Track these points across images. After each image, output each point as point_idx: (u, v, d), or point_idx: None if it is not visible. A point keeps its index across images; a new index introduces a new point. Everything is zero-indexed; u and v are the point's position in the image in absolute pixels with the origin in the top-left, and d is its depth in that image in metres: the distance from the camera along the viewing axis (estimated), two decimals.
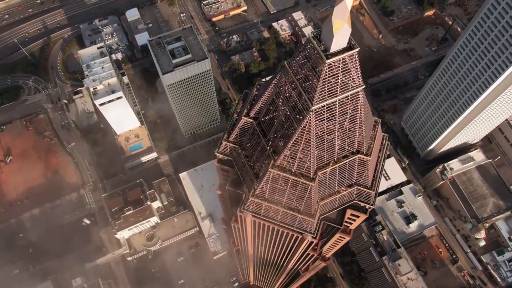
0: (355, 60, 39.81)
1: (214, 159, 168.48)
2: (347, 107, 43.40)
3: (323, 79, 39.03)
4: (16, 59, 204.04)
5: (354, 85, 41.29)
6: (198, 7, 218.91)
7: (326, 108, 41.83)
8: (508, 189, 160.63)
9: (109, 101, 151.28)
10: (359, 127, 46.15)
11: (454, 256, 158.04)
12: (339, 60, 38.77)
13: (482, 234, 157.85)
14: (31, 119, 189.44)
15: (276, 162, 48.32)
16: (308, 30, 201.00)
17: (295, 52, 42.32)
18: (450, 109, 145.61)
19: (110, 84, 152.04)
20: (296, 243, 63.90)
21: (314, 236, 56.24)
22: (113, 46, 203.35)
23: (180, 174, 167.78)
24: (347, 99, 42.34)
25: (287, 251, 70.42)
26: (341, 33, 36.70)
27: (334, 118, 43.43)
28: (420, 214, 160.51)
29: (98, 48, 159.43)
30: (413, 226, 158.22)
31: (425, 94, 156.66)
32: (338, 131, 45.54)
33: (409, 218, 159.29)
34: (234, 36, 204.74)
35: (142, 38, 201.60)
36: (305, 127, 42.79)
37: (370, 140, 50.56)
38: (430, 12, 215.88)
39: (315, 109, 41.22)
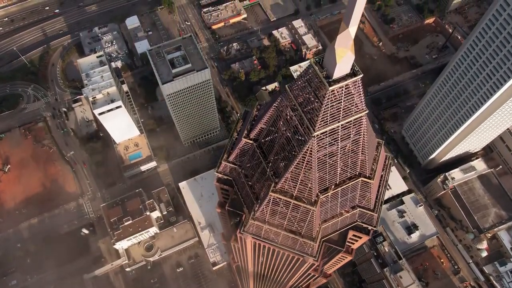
0: (359, 86, 38.90)
1: (213, 168, 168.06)
2: (350, 132, 42.46)
3: (325, 105, 38.09)
4: (15, 67, 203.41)
5: (357, 110, 40.37)
6: (198, 15, 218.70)
7: (329, 133, 40.92)
8: (510, 199, 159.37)
9: (108, 110, 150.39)
10: (362, 151, 45.17)
11: (456, 267, 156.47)
12: (342, 87, 37.88)
13: (484, 245, 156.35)
14: (30, 127, 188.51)
15: (277, 186, 47.30)
16: (308, 38, 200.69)
17: (296, 78, 41.34)
18: (451, 119, 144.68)
19: (109, 93, 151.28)
20: (297, 264, 62.69)
21: (315, 259, 55.10)
22: (112, 54, 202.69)
23: (179, 184, 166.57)
24: (350, 123, 41.42)
25: (288, 271, 69.17)
26: (344, 61, 35.76)
27: (337, 142, 42.48)
28: (421, 224, 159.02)
29: (97, 57, 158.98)
30: (415, 236, 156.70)
31: (426, 103, 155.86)
32: (340, 155, 44.56)
33: (410, 228, 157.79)
34: (234, 44, 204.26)
35: (142, 46, 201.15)
36: (307, 152, 41.83)
37: (373, 162, 49.62)
38: (430, 20, 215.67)
39: (317, 135, 40.33)
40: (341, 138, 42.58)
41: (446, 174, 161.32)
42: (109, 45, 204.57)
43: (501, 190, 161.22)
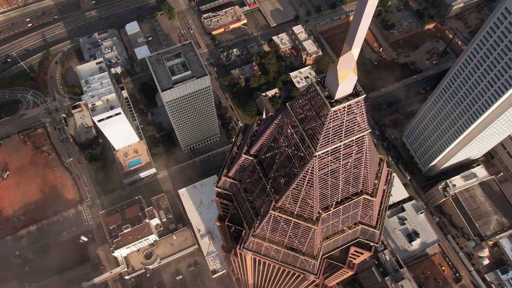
0: (361, 106, 38.17)
1: (213, 175, 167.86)
2: (352, 150, 41.70)
3: (327, 125, 37.36)
4: (15, 73, 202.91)
5: (360, 129, 39.63)
6: (198, 20, 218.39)
7: (330, 152, 40.15)
8: (511, 206, 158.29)
9: (108, 117, 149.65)
10: (364, 168, 44.40)
11: (457, 275, 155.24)
12: (345, 107, 37.16)
13: (485, 253, 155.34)
14: (29, 133, 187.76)
15: (277, 204, 46.46)
16: (308, 44, 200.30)
17: (297, 96, 40.60)
18: (452, 126, 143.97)
19: (108, 100, 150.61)
20: (298, 279, 61.75)
21: (316, 276, 54.16)
22: (112, 60, 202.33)
23: (179, 190, 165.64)
24: (352, 142, 40.66)
25: (289, 285, 68.15)
26: (346, 82, 35.04)
27: (339, 161, 41.71)
28: (422, 231, 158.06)
29: (97, 64, 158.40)
30: (416, 244, 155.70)
31: (427, 110, 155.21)
32: (342, 173, 43.77)
33: (411, 235, 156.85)
34: (234, 50, 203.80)
35: (141, 52, 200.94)
36: (308, 170, 41.05)
37: (375, 178, 48.83)
38: (430, 26, 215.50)
39: (319, 154, 39.57)
40: (343, 157, 41.81)
41: (447, 181, 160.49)
42: (109, 50, 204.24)
43: (502, 197, 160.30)
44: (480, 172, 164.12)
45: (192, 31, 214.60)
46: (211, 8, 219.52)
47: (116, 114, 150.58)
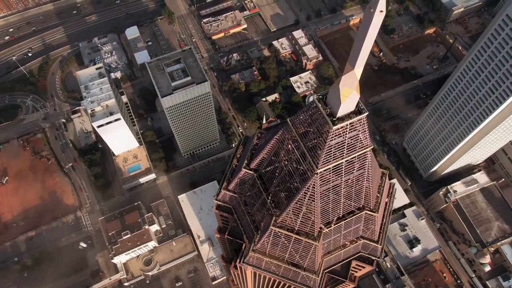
0: (364, 123, 37.58)
1: (213, 181, 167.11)
2: (354, 166, 41.09)
3: (329, 143, 36.77)
4: (15, 77, 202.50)
5: (362, 146, 39.04)
6: (198, 25, 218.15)
7: (332, 169, 39.54)
8: None
9: (107, 123, 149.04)
10: (366, 184, 43.76)
11: (458, 281, 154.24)
12: (347, 125, 36.57)
13: (487, 259, 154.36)
14: (29, 138, 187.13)
15: (278, 219, 45.81)
16: (308, 49, 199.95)
17: (298, 112, 39.98)
18: (453, 132, 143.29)
19: (108, 105, 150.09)
20: None
21: None
22: (112, 65, 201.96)
23: (178, 196, 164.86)
24: (354, 159, 40.06)
25: None
26: (349, 100, 34.47)
27: (340, 177, 41.09)
28: (423, 237, 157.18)
29: (96, 69, 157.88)
30: (417, 250, 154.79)
31: (427, 115, 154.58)
32: (344, 189, 43.13)
33: (412, 242, 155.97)
34: (234, 55, 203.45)
35: (141, 57, 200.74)
36: (309, 187, 40.43)
37: (377, 193, 48.19)
38: (430, 30, 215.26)
39: (320, 172, 38.96)
40: (345, 173, 41.20)
41: (448, 187, 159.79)
42: (109, 55, 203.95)
43: (504, 203, 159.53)
44: (481, 178, 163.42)
45: (192, 37, 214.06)
46: (211, 13, 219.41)
47: (116, 120, 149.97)
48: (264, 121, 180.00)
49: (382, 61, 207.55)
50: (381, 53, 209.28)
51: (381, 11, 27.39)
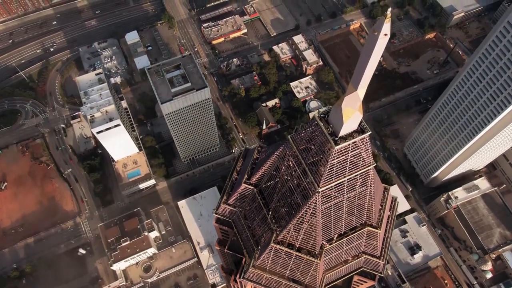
0: (367, 142, 36.90)
1: (213, 187, 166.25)
2: (356, 183, 40.38)
3: (331, 162, 36.11)
4: (14, 82, 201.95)
5: (364, 164, 38.36)
6: (198, 30, 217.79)
7: (334, 187, 38.86)
8: None
9: (107, 129, 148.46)
10: (369, 200, 43.06)
11: None
12: (349, 145, 35.89)
13: (488, 266, 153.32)
14: (28, 144, 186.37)
15: (279, 237, 45.07)
16: (309, 54, 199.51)
17: (299, 129, 39.24)
18: (454, 138, 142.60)
19: (108, 111, 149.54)
20: None
21: None
22: (112, 70, 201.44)
23: (178, 202, 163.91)
24: (357, 176, 39.38)
25: None
26: (351, 120, 33.81)
27: (342, 195, 40.40)
28: (424, 244, 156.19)
29: (96, 75, 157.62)
30: (418, 257, 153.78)
31: (428, 121, 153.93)
32: (346, 206, 42.42)
33: (413, 248, 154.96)
34: (234, 60, 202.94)
35: (141, 62, 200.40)
36: (311, 205, 39.72)
37: (379, 209, 47.43)
38: (431, 35, 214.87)
39: (322, 190, 38.28)
40: (347, 191, 40.49)
41: (449, 193, 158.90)
42: (109, 60, 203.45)
43: (505, 210, 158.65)
44: (483, 184, 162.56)
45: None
46: (211, 17, 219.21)
47: (115, 126, 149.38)
48: (264, 127, 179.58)
49: (382, 66, 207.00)
50: (381, 58, 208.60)
51: (386, 35, 26.77)
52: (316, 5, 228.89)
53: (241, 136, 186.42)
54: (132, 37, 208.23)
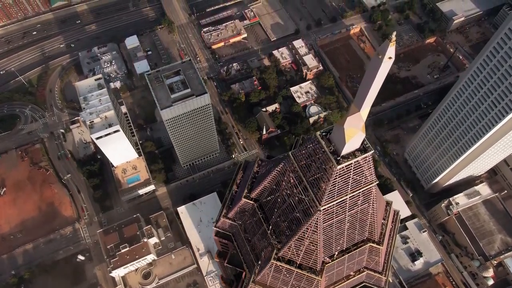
0: (369, 161, 36.27)
1: (213, 193, 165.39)
2: (358, 201, 39.73)
3: (333, 181, 35.46)
4: (13, 87, 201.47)
5: (367, 182, 37.72)
6: (198, 34, 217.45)
7: (336, 205, 38.19)
8: None
9: (106, 135, 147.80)
10: (371, 217, 42.38)
11: None
12: (351, 164, 35.26)
13: (490, 273, 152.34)
14: (27, 149, 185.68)
15: (279, 253, 44.35)
16: (309, 59, 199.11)
17: (300, 147, 38.58)
18: (455, 144, 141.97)
19: (107, 117, 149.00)
20: None
21: None
22: (111, 74, 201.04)
23: (178, 208, 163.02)
24: (359, 194, 38.73)
25: None
26: (354, 140, 33.18)
27: (344, 213, 39.72)
28: (425, 250, 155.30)
29: (95, 80, 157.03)
30: (419, 263, 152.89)
31: (429, 127, 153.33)
32: (348, 223, 41.75)
33: (414, 255, 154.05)
34: (234, 64, 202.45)
35: (141, 66, 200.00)
36: (312, 223, 39.02)
37: (381, 224, 46.76)
38: (431, 40, 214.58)
39: (324, 209, 37.61)
40: (349, 208, 39.82)
41: (450, 199, 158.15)
42: (108, 65, 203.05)
43: (506, 216, 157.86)
44: (484, 189, 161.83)
45: (191, 45, 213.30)
46: (211, 22, 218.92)
47: (115, 132, 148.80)
48: (264, 132, 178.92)
49: None
50: None
51: (390, 58, 26.18)
52: (316, 9, 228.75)
53: (241, 142, 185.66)
54: (132, 41, 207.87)
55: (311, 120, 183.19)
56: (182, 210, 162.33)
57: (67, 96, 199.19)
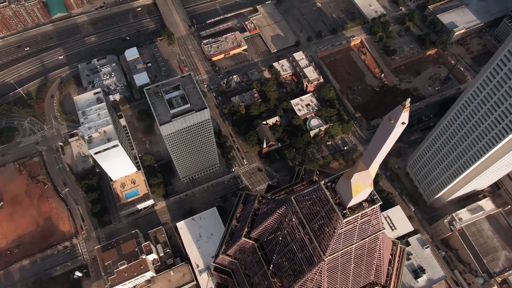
0: (377, 211, 34.52)
1: (212, 208, 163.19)
2: (365, 247, 37.89)
3: (339, 231, 33.68)
4: (12, 99, 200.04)
5: (374, 230, 35.94)
6: (198, 46, 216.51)
7: (341, 255, 36.37)
8: None
9: (105, 150, 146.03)
10: (377, 262, 40.53)
11: None
12: (358, 216, 33.50)
13: None
14: (25, 162, 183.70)
15: None
16: (309, 71, 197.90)
17: (302, 193, 36.74)
18: (459, 160, 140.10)
19: (106, 131, 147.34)
20: None
21: None
22: (111, 87, 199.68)
23: (177, 223, 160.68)
24: (365, 242, 36.93)
25: None
26: (361, 194, 31.47)
27: (349, 261, 37.85)
28: (428, 267, 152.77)
29: (94, 94, 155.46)
30: (422, 280, 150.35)
31: (431, 141, 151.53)
32: (353, 268, 39.87)
33: (417, 271, 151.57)
34: (234, 77, 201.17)
35: (141, 78, 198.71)
36: (316, 272, 37.16)
37: (388, 265, 44.87)
38: (432, 51, 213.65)
39: (328, 259, 35.77)
40: (354, 255, 37.96)
41: (453, 214, 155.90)
42: (108, 77, 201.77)
43: (510, 231, 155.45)
44: (487, 205, 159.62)
45: (191, 57, 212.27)
46: (211, 34, 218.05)
47: (113, 147, 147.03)
48: (264, 145, 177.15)
49: (383, 83, 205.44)
50: (382, 74, 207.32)
51: (403, 123, 24.51)
52: (317, 21, 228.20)
53: (241, 157, 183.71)
54: (131, 53, 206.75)
55: (312, 133, 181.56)
56: (181, 225, 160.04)
57: (66, 108, 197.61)
